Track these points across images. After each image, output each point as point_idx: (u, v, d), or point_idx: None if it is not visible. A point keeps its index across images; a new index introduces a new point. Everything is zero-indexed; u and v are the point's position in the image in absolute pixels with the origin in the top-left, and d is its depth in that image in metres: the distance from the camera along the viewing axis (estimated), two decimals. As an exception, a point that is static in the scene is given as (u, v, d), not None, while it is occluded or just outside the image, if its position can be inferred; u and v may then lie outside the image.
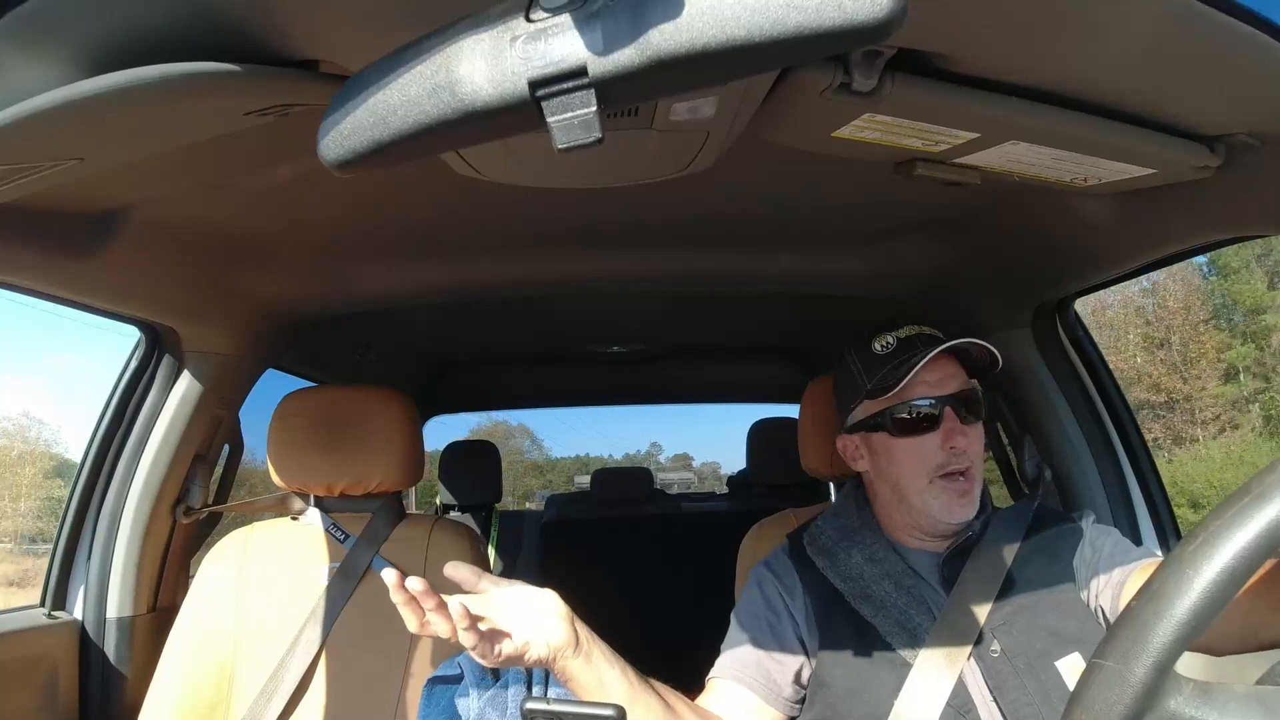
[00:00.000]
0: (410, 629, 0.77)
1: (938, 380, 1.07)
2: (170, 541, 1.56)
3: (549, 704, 1.03)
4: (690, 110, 0.79)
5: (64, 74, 0.61)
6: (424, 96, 0.49)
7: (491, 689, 1.23)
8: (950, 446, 1.05)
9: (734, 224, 1.38)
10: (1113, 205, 1.11)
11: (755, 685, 1.05)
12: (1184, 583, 0.48)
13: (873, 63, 0.71)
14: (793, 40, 0.44)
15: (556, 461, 17.37)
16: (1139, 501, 1.52)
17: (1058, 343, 1.55)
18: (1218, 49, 0.68)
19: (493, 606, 0.81)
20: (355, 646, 1.41)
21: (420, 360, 2.70)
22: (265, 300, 1.51)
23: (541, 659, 0.81)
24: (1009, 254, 1.39)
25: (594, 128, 0.47)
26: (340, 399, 1.54)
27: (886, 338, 1.11)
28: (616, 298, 1.87)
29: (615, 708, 1.02)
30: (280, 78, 0.66)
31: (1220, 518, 0.50)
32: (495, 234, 1.38)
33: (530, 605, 0.83)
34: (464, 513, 3.05)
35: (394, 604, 0.77)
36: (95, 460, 1.48)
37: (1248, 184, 0.92)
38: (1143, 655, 0.48)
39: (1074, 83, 0.76)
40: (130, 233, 1.11)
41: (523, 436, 16.72)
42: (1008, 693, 0.98)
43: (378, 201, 1.20)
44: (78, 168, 0.76)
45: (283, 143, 0.88)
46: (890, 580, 1.08)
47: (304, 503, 1.54)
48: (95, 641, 1.46)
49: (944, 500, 1.06)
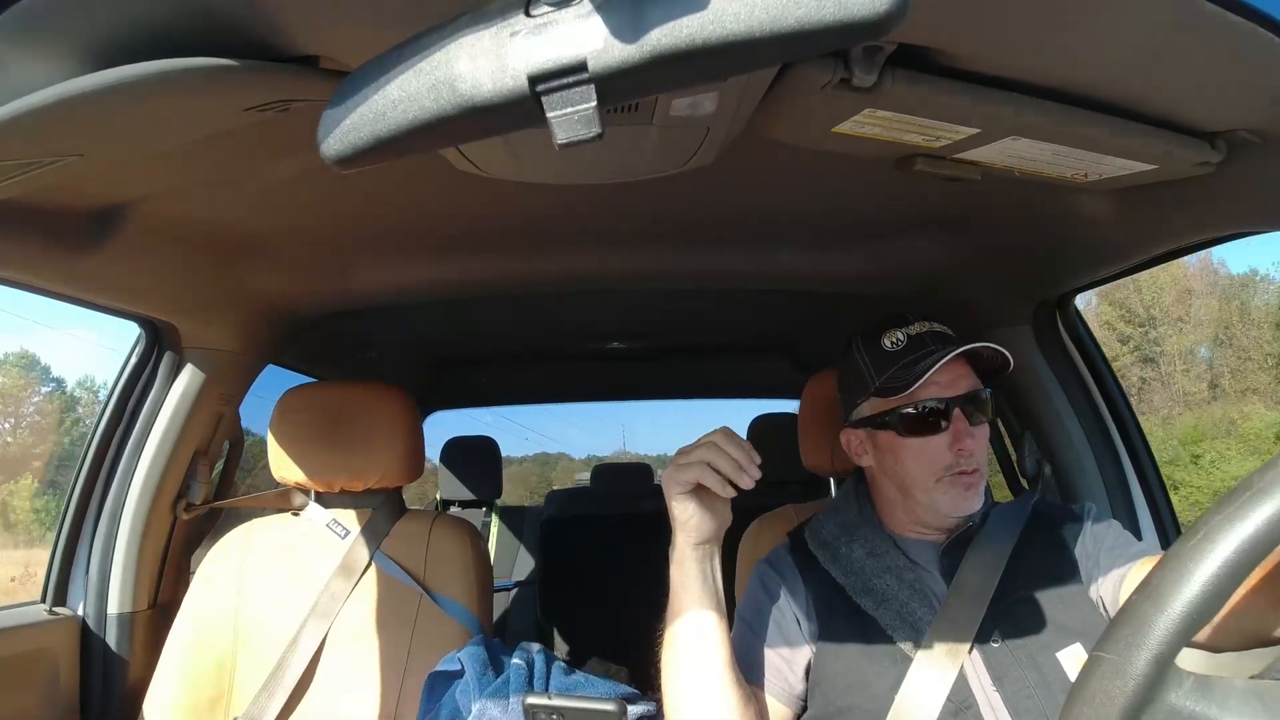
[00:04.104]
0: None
1: (948, 381, 1.06)
2: (171, 538, 1.56)
3: (550, 699, 1.04)
4: (690, 106, 0.79)
5: (64, 70, 0.61)
6: (424, 92, 0.49)
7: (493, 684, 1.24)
8: (959, 449, 1.05)
9: (734, 220, 1.38)
10: (1113, 201, 1.11)
11: (769, 686, 1.05)
12: (1185, 576, 0.49)
13: (873, 58, 0.71)
14: (793, 35, 0.44)
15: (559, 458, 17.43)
16: (1138, 497, 1.52)
17: (1058, 339, 1.55)
18: (1219, 45, 0.68)
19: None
20: (356, 642, 1.41)
21: (420, 356, 2.70)
22: (266, 296, 1.51)
23: (722, 524, 0.96)
24: (1009, 250, 1.39)
25: (594, 123, 0.47)
26: (341, 395, 1.54)
27: (896, 334, 1.10)
28: (616, 294, 1.87)
29: (616, 703, 1.03)
30: (280, 73, 0.66)
31: (1221, 512, 0.50)
32: (495, 230, 1.38)
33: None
34: (464, 508, 3.05)
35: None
36: (96, 456, 1.49)
37: (1248, 180, 0.92)
38: (1144, 648, 0.48)
39: (1074, 79, 0.76)
40: (130, 229, 1.11)
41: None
42: (1009, 684, 0.98)
43: (378, 197, 1.20)
44: (78, 164, 0.76)
45: (283, 139, 0.88)
46: (891, 574, 1.08)
47: (305, 498, 1.54)
48: (96, 637, 1.46)
49: (952, 495, 1.06)
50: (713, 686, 0.94)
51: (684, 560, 0.95)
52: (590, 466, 3.51)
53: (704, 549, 0.96)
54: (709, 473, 0.90)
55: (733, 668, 0.96)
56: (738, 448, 0.90)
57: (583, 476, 4.38)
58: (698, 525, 0.94)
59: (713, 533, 0.95)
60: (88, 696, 1.44)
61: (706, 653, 0.94)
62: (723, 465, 0.89)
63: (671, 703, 0.96)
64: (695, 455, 0.91)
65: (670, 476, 0.94)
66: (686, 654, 0.95)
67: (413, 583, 1.43)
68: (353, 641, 1.41)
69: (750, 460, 0.89)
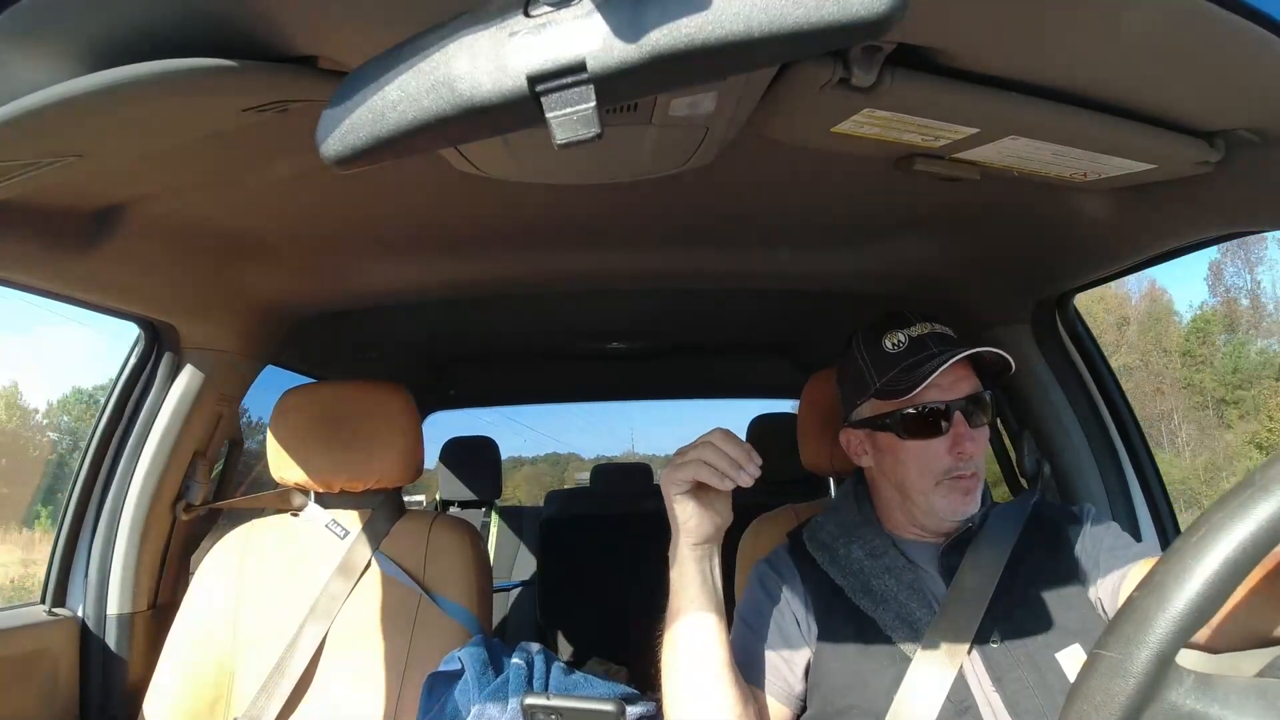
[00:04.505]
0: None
1: (950, 384, 1.06)
2: (170, 538, 1.56)
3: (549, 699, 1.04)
4: (690, 105, 0.79)
5: (63, 71, 0.61)
6: (423, 92, 0.49)
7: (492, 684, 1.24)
8: (958, 452, 1.05)
9: (733, 220, 1.37)
10: (1112, 200, 1.11)
11: (769, 686, 1.05)
12: (1186, 574, 0.49)
13: (872, 58, 0.71)
14: (792, 35, 0.44)
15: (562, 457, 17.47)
16: (1138, 497, 1.52)
17: (1057, 338, 1.55)
18: (1217, 44, 0.68)
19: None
20: (356, 642, 1.41)
21: (420, 356, 2.69)
22: (265, 297, 1.51)
23: (721, 524, 0.96)
24: (1008, 249, 1.39)
25: (593, 123, 0.47)
26: (340, 395, 1.54)
27: (898, 335, 1.09)
28: (615, 294, 1.87)
29: (615, 703, 1.03)
30: (278, 74, 0.66)
31: (1222, 510, 0.50)
32: (494, 230, 1.38)
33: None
34: (464, 509, 3.05)
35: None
36: (95, 457, 1.48)
37: (1247, 179, 0.92)
38: (1144, 646, 0.48)
39: (1073, 78, 0.76)
40: (129, 229, 1.11)
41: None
42: (1008, 684, 0.98)
43: (377, 198, 1.20)
44: (77, 164, 0.76)
45: (282, 139, 0.88)
46: (890, 574, 1.08)
47: (304, 499, 1.54)
48: (95, 638, 1.46)
49: (950, 499, 1.06)
50: (712, 687, 0.94)
51: (684, 562, 0.95)
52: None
53: (703, 549, 0.95)
54: (706, 468, 0.90)
55: (732, 669, 0.96)
56: (735, 446, 0.90)
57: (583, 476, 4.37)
58: (697, 526, 0.94)
59: (712, 533, 0.95)
60: (87, 697, 1.44)
61: (706, 654, 0.94)
62: (720, 463, 0.89)
63: (671, 704, 0.96)
64: (692, 455, 0.91)
65: (669, 477, 0.94)
66: (686, 655, 0.95)
67: (412, 583, 1.43)
68: (352, 642, 1.41)
69: (749, 458, 0.89)
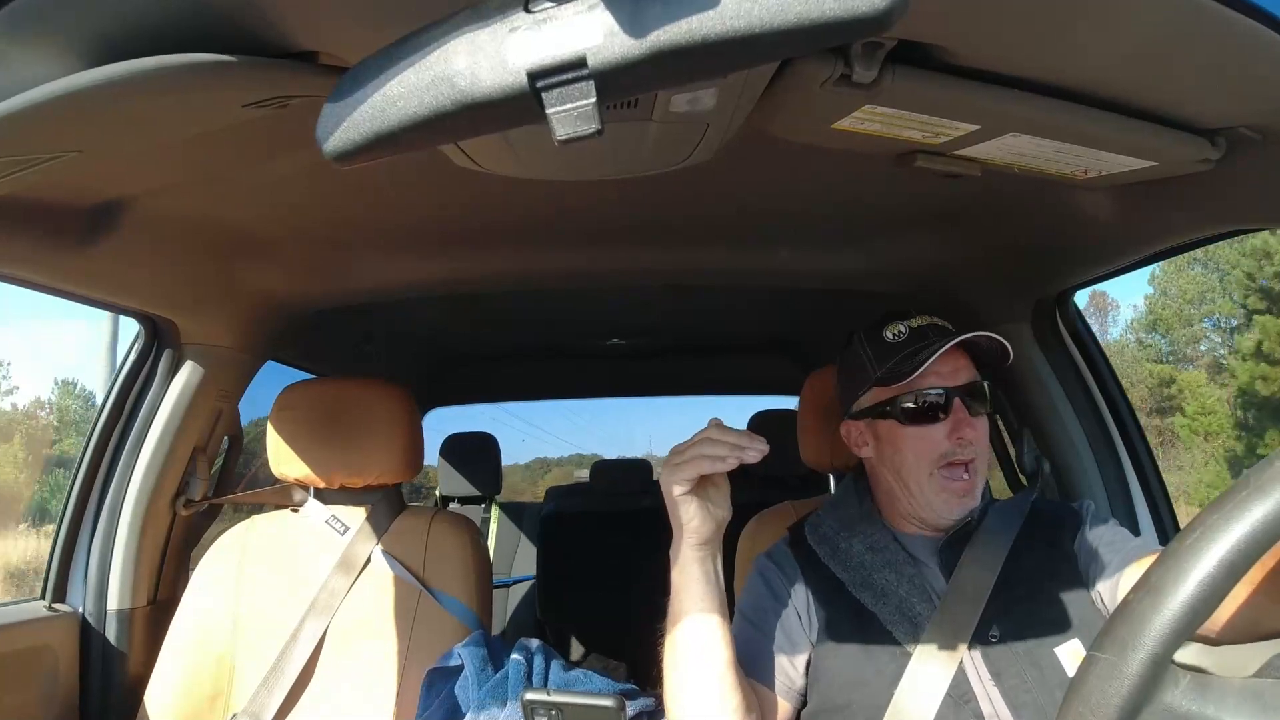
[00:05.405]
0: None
1: (949, 371, 1.08)
2: (170, 534, 1.56)
3: (549, 695, 1.04)
4: (690, 102, 0.78)
5: (62, 66, 0.61)
6: (423, 88, 0.49)
7: (492, 680, 1.24)
8: (958, 437, 1.06)
9: (734, 217, 1.37)
10: (1113, 198, 1.11)
11: (771, 681, 1.05)
12: (1181, 576, 0.49)
13: (873, 54, 0.71)
14: (793, 31, 0.44)
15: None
16: (1137, 495, 1.52)
17: (1058, 336, 1.55)
18: (1219, 41, 0.68)
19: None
20: (355, 638, 1.41)
21: (419, 352, 2.69)
22: (264, 293, 1.51)
23: (722, 521, 0.96)
24: (1009, 247, 1.39)
25: (593, 119, 0.47)
26: (340, 391, 1.54)
27: (899, 326, 1.12)
28: (615, 290, 1.87)
29: (615, 698, 1.03)
30: (278, 69, 0.65)
31: (1218, 511, 0.50)
32: (494, 227, 1.38)
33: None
34: (463, 504, 3.05)
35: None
36: (95, 453, 1.48)
37: (1248, 177, 0.91)
38: (1140, 648, 0.48)
39: (1075, 75, 0.76)
40: (129, 225, 1.11)
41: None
42: (1007, 679, 0.99)
43: (377, 194, 1.20)
44: (76, 160, 0.76)
45: (282, 135, 0.88)
46: (891, 569, 1.08)
47: (304, 495, 1.54)
48: (96, 634, 1.46)
49: (944, 498, 1.07)
50: (715, 687, 0.94)
51: (687, 563, 0.95)
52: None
53: (706, 549, 0.95)
54: (708, 460, 0.89)
55: (735, 668, 0.96)
56: (733, 433, 0.90)
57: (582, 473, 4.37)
58: (700, 526, 0.93)
59: (714, 532, 0.95)
60: (87, 693, 1.44)
61: (711, 654, 0.94)
62: (721, 451, 0.89)
63: (675, 703, 0.96)
64: (691, 451, 0.91)
65: (669, 475, 0.93)
66: (691, 655, 0.95)
67: (412, 579, 1.43)
68: (352, 638, 1.41)
69: (750, 439, 0.89)
